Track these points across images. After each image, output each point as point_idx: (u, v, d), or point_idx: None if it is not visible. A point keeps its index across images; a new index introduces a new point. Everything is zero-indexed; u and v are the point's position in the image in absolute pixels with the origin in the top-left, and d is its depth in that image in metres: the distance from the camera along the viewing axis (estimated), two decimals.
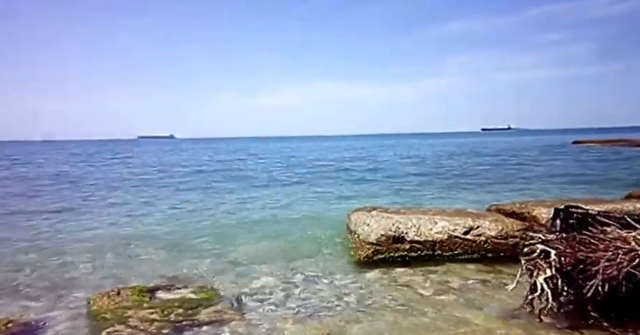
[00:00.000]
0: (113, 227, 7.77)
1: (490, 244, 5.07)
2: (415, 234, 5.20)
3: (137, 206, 10.16)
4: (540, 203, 5.90)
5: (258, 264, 5.33)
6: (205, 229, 7.46)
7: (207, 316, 3.73)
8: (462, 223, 5.20)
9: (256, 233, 6.99)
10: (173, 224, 8.01)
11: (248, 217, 8.48)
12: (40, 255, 5.94)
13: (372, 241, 5.22)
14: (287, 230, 7.18)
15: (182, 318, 3.68)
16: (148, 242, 6.55)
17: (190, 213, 9.09)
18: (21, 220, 8.55)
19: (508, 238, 5.04)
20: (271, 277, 4.82)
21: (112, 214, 9.06)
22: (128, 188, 13.68)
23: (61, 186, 14.21)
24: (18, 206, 10.21)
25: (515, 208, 5.96)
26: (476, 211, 6.04)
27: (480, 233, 5.11)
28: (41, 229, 7.70)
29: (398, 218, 5.39)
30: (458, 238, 5.13)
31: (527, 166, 18.25)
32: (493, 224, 5.18)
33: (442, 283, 4.47)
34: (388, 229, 5.25)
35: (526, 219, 5.51)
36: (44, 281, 4.83)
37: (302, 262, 5.35)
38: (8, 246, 6.46)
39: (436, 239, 5.16)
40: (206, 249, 6.09)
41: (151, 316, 3.68)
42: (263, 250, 5.97)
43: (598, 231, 3.35)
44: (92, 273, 5.12)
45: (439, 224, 5.24)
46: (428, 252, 5.16)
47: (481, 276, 4.65)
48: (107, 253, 5.96)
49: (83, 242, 6.61)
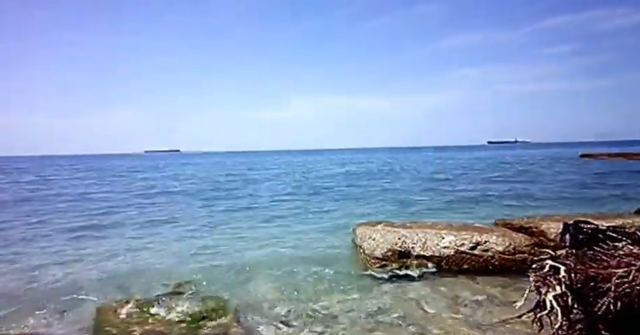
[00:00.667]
0: (125, 239, 7.78)
1: (497, 259, 4.99)
2: (422, 249, 5.15)
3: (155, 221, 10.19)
4: (548, 218, 5.83)
5: (264, 277, 5.30)
6: (211, 242, 7.44)
7: (212, 330, 3.69)
8: (469, 238, 5.13)
9: (262, 247, 6.95)
10: (181, 235, 8.01)
11: (253, 230, 8.45)
12: (47, 267, 5.96)
13: (378, 255, 5.17)
14: (293, 243, 7.14)
15: (187, 331, 3.64)
16: (155, 254, 6.56)
17: (200, 227, 9.08)
18: (36, 237, 8.58)
19: (516, 253, 4.96)
20: (276, 290, 4.79)
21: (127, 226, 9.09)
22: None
23: (74, 204, 14.29)
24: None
25: (523, 223, 5.89)
26: (483, 226, 5.97)
27: (487, 248, 5.04)
28: (58, 243, 7.73)
29: (404, 233, 5.35)
30: (465, 253, 5.06)
31: (535, 179, 18.08)
32: (501, 239, 5.11)
33: (449, 298, 4.40)
34: (394, 243, 5.20)
35: (534, 234, 5.43)
36: (51, 293, 4.84)
37: (308, 276, 5.30)
38: (19, 259, 6.49)
39: (443, 254, 5.09)
40: (212, 262, 6.07)
41: (156, 329, 3.66)
42: (268, 263, 5.93)
43: (609, 247, 3.28)
44: (99, 285, 5.11)
45: (445, 239, 5.18)
46: (435, 267, 5.09)
47: (488, 291, 4.56)
48: (114, 265, 5.96)
49: (93, 255, 6.63)
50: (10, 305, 4.51)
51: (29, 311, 4.31)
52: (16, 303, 4.59)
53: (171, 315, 3.99)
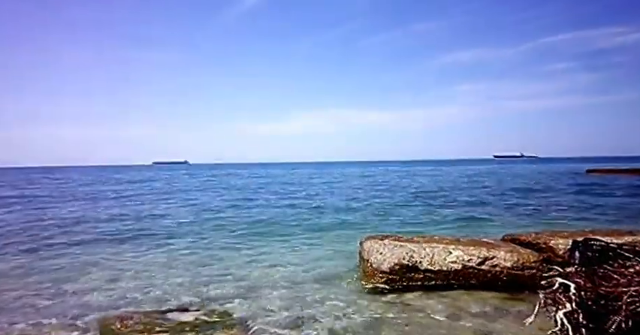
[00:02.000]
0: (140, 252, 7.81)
1: (505, 275, 4.96)
2: (429, 264, 5.13)
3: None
4: (557, 234, 5.80)
5: (271, 289, 5.30)
6: (219, 253, 7.46)
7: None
8: (477, 253, 5.12)
9: (269, 259, 6.96)
10: (188, 247, 8.03)
11: (260, 243, 8.46)
12: (57, 276, 5.99)
13: (385, 270, 5.16)
14: (300, 256, 7.14)
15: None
16: (164, 266, 6.58)
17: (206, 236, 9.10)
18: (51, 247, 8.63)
19: (525, 269, 4.93)
20: (283, 303, 4.78)
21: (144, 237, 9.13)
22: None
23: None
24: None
25: (531, 238, 5.86)
26: (491, 240, 5.95)
27: (495, 263, 5.01)
28: (63, 252, 7.78)
29: (411, 247, 5.34)
30: (473, 268, 5.04)
31: (542, 194, 17.99)
32: (509, 254, 5.08)
33: (457, 313, 4.37)
34: (402, 258, 5.19)
35: (542, 250, 5.40)
36: (58, 304, 4.86)
37: (315, 289, 5.29)
38: (28, 268, 6.53)
39: (451, 268, 5.08)
40: (218, 273, 6.08)
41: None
42: (276, 275, 5.93)
43: (619, 265, 3.27)
44: (106, 295, 5.13)
45: (453, 254, 5.16)
46: (442, 282, 5.07)
47: (497, 307, 4.53)
48: (123, 276, 5.98)
49: (102, 265, 6.66)
50: (18, 315, 4.53)
51: (33, 321, 4.33)
52: (21, 310, 4.61)
53: (177, 327, 3.99)
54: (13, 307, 4.78)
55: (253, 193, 21.05)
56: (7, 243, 8.51)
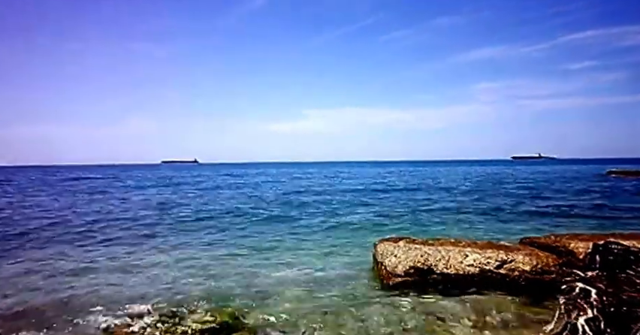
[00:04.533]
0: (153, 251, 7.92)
1: (524, 279, 4.86)
2: (445, 267, 5.07)
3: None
4: (576, 237, 5.65)
5: (284, 291, 5.30)
6: (232, 255, 7.49)
7: None
8: (494, 256, 5.03)
9: (283, 261, 6.96)
10: (198, 248, 8.10)
11: (275, 244, 8.47)
12: (64, 277, 6.10)
13: (400, 273, 5.11)
14: (314, 257, 7.13)
15: None
16: (176, 266, 6.64)
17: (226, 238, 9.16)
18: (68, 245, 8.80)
19: (544, 274, 4.83)
20: (296, 305, 4.77)
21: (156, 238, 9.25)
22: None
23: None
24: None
25: (550, 241, 5.73)
26: (508, 244, 5.84)
27: (513, 267, 4.92)
28: (70, 253, 7.93)
29: (426, 250, 5.28)
30: (490, 272, 4.95)
31: (561, 196, 17.61)
32: (527, 258, 4.98)
33: (474, 317, 4.30)
34: (417, 261, 5.14)
35: (561, 254, 5.27)
36: (67, 305, 4.91)
37: (328, 291, 5.27)
38: (39, 268, 6.67)
39: (467, 272, 5.00)
40: (232, 275, 6.10)
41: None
42: (289, 278, 5.93)
43: None
44: (117, 296, 5.20)
45: (469, 257, 5.08)
46: (459, 286, 5.00)
47: (515, 312, 4.44)
48: (134, 276, 6.06)
49: (112, 265, 6.77)
50: (27, 316, 4.59)
51: (42, 323, 4.37)
52: (27, 311, 4.69)
53: (187, 330, 4.01)
54: (32, 304, 4.89)
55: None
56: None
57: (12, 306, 4.92)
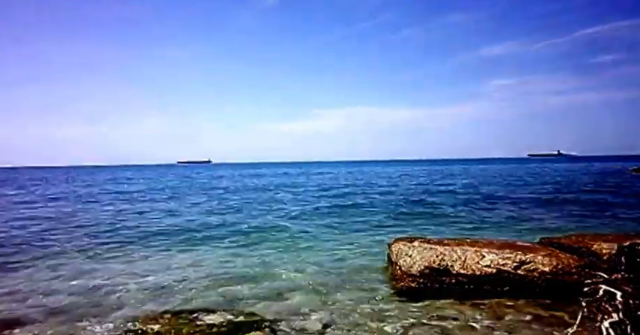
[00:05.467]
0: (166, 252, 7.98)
1: (544, 281, 4.69)
2: (461, 267, 4.93)
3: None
4: (599, 237, 5.45)
5: (297, 291, 5.25)
6: (247, 255, 7.48)
7: None
8: (512, 257, 4.87)
9: (297, 260, 6.92)
10: (212, 246, 8.11)
11: (290, 244, 8.44)
12: (87, 276, 6.17)
13: (415, 273, 5.00)
14: (328, 258, 7.06)
15: None
16: (191, 266, 6.66)
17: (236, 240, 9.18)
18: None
19: (565, 275, 4.65)
20: (310, 306, 4.72)
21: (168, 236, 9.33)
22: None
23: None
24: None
25: (571, 241, 5.54)
26: (527, 244, 5.67)
27: (533, 268, 4.75)
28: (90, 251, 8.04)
29: (442, 250, 5.15)
30: (508, 273, 4.80)
31: (582, 194, 17.15)
32: (547, 259, 4.81)
33: (493, 323, 4.16)
34: (432, 261, 5.02)
35: (583, 255, 5.08)
36: (88, 304, 4.94)
37: (343, 292, 5.20)
38: (58, 268, 6.76)
39: (484, 273, 4.86)
40: (247, 275, 6.08)
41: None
42: (301, 277, 5.88)
43: None
44: (136, 296, 5.22)
45: (486, 258, 4.94)
46: (476, 287, 4.86)
47: (534, 314, 4.29)
48: (152, 276, 6.09)
49: (131, 265, 6.82)
50: (47, 315, 4.62)
51: (66, 320, 4.42)
52: (51, 310, 4.73)
53: (207, 327, 4.00)
54: (42, 305, 4.94)
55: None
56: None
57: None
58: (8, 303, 4.98)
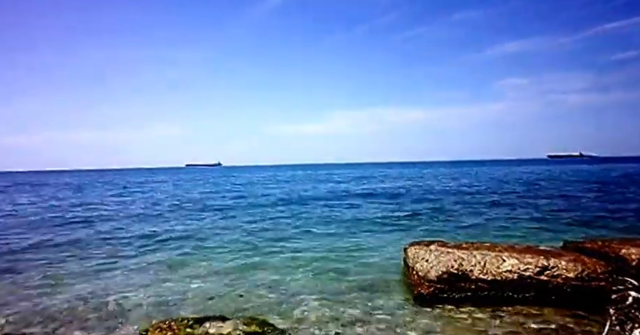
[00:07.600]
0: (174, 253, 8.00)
1: (568, 287, 4.50)
2: (481, 272, 4.77)
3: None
4: (628, 242, 5.21)
5: (312, 297, 5.16)
6: (260, 260, 7.43)
7: None
8: (534, 262, 4.69)
9: (310, 266, 6.83)
10: (228, 253, 8.09)
11: (303, 249, 8.36)
12: (96, 284, 6.20)
13: (433, 278, 4.86)
14: (342, 264, 6.95)
15: None
16: (201, 271, 6.64)
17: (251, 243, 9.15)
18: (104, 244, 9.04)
19: (591, 281, 4.44)
20: (324, 312, 4.63)
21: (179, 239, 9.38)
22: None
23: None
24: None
25: (597, 246, 5.31)
26: (550, 248, 5.46)
27: (556, 274, 4.56)
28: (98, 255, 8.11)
29: (460, 254, 5.00)
30: (530, 279, 4.62)
31: (607, 198, 16.60)
32: (572, 264, 4.61)
33: (513, 327, 4.00)
34: (450, 266, 4.87)
35: (611, 260, 4.86)
36: (97, 311, 4.93)
37: (357, 298, 5.10)
38: (70, 276, 6.83)
39: (505, 278, 4.69)
40: (260, 280, 6.02)
41: None
42: (317, 283, 5.79)
43: None
44: (146, 302, 5.20)
45: (507, 262, 4.77)
46: (496, 293, 4.69)
47: (559, 322, 4.11)
48: (162, 281, 6.09)
49: (140, 270, 6.85)
50: (53, 320, 4.63)
51: (75, 328, 4.42)
52: (61, 319, 4.73)
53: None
54: (54, 311, 4.97)
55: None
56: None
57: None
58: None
